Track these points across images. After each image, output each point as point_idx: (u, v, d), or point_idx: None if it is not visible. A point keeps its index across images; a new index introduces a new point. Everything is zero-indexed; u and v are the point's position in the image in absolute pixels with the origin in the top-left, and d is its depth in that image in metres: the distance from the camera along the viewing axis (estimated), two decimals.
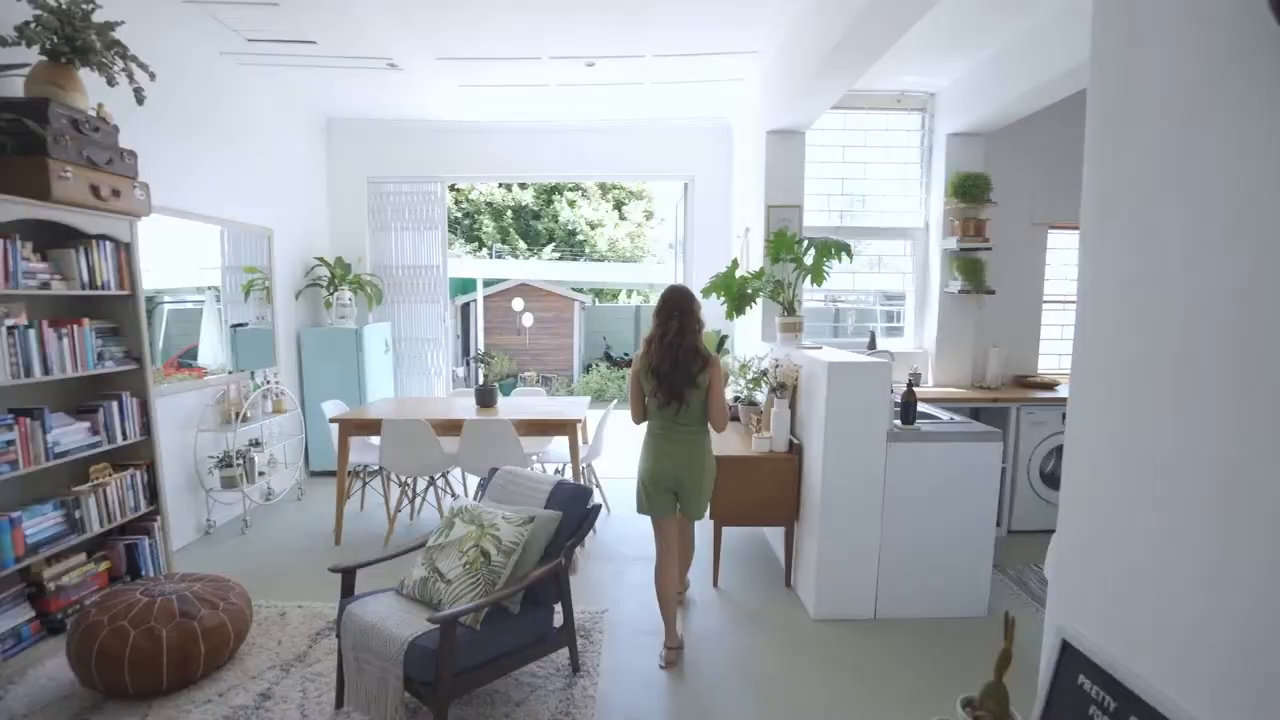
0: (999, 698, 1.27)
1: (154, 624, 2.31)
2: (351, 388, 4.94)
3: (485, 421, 3.61)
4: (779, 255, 4.03)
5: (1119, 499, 1.19)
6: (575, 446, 3.81)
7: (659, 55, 4.03)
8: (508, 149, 5.47)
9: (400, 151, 5.42)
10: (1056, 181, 4.40)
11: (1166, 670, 1.07)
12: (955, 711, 1.31)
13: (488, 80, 4.42)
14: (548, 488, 2.54)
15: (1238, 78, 0.95)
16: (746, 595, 3.23)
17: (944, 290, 4.37)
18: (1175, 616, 1.07)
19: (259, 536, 3.94)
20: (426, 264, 5.60)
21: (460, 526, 2.32)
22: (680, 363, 2.46)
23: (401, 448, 3.64)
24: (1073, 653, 1.27)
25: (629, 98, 4.86)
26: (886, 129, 4.55)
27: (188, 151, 3.76)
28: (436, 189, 5.53)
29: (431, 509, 4.28)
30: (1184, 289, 1.04)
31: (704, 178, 5.55)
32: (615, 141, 5.48)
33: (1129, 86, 1.16)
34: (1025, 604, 3.16)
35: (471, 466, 3.73)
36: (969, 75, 4.02)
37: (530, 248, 14.90)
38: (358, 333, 4.97)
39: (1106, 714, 1.16)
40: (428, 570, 2.24)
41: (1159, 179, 1.09)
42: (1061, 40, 3.19)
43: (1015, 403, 3.97)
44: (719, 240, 5.57)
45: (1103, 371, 1.23)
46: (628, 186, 16.62)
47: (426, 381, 5.71)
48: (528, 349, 10.93)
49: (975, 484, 2.95)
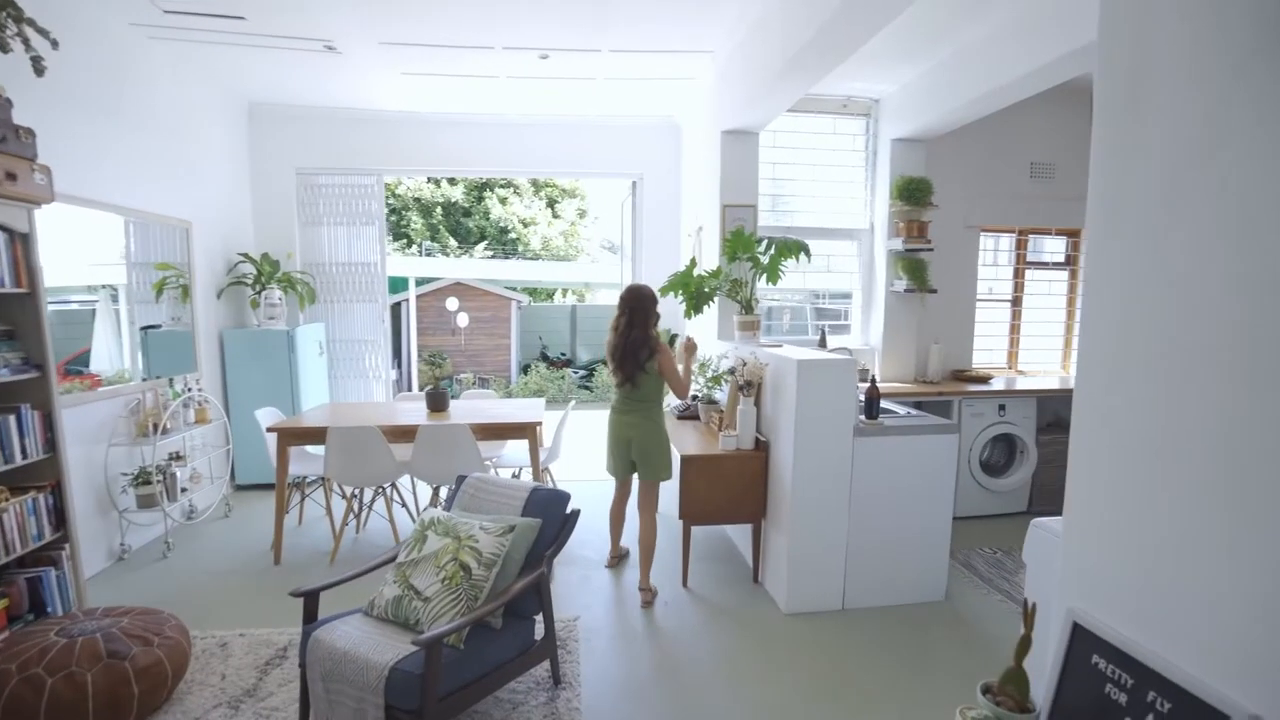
0: (1019, 683, 1.30)
1: (75, 668, 2.03)
2: (283, 393, 4.58)
3: (441, 427, 3.44)
4: (736, 254, 4.07)
5: (1128, 482, 1.24)
6: (536, 450, 3.69)
7: (615, 50, 3.97)
8: (451, 142, 5.24)
9: (333, 141, 5.09)
10: (988, 187, 4.68)
11: (1186, 648, 1.12)
12: (976, 698, 1.34)
13: (434, 69, 4.21)
14: (523, 494, 2.43)
15: (1260, 75, 0.99)
16: (717, 593, 3.23)
17: (889, 289, 4.55)
18: (1194, 593, 1.12)
19: (184, 559, 3.58)
20: (363, 261, 5.28)
21: (434, 539, 2.18)
22: (629, 351, 2.99)
23: (349, 457, 3.40)
24: (1084, 634, 1.32)
25: (580, 93, 4.77)
26: (835, 132, 4.69)
27: (92, 133, 3.36)
28: (373, 182, 5.23)
29: (381, 519, 4.03)
30: (1197, 288, 1.09)
31: (652, 176, 5.54)
32: (564, 137, 5.37)
33: (1138, 86, 1.20)
34: (976, 586, 3.33)
35: (426, 474, 3.54)
36: (913, 83, 4.20)
37: (461, 246, 14.42)
38: (289, 334, 4.62)
39: (1124, 690, 1.21)
40: (401, 588, 2.08)
41: (1171, 184, 1.14)
42: (1001, 55, 3.38)
43: (956, 396, 4.19)
44: (668, 239, 5.58)
45: (1110, 362, 1.28)
46: (560, 184, 16.42)
47: (364, 385, 5.39)
48: (463, 350, 10.56)
49: (933, 475, 3.08)
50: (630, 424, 3.10)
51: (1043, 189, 4.75)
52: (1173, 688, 1.13)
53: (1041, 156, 4.72)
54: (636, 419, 3.09)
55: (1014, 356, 5.04)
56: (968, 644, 2.77)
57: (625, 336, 3.02)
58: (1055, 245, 5.02)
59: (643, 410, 3.10)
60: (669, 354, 3.08)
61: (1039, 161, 4.73)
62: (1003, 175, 4.70)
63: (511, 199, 15.01)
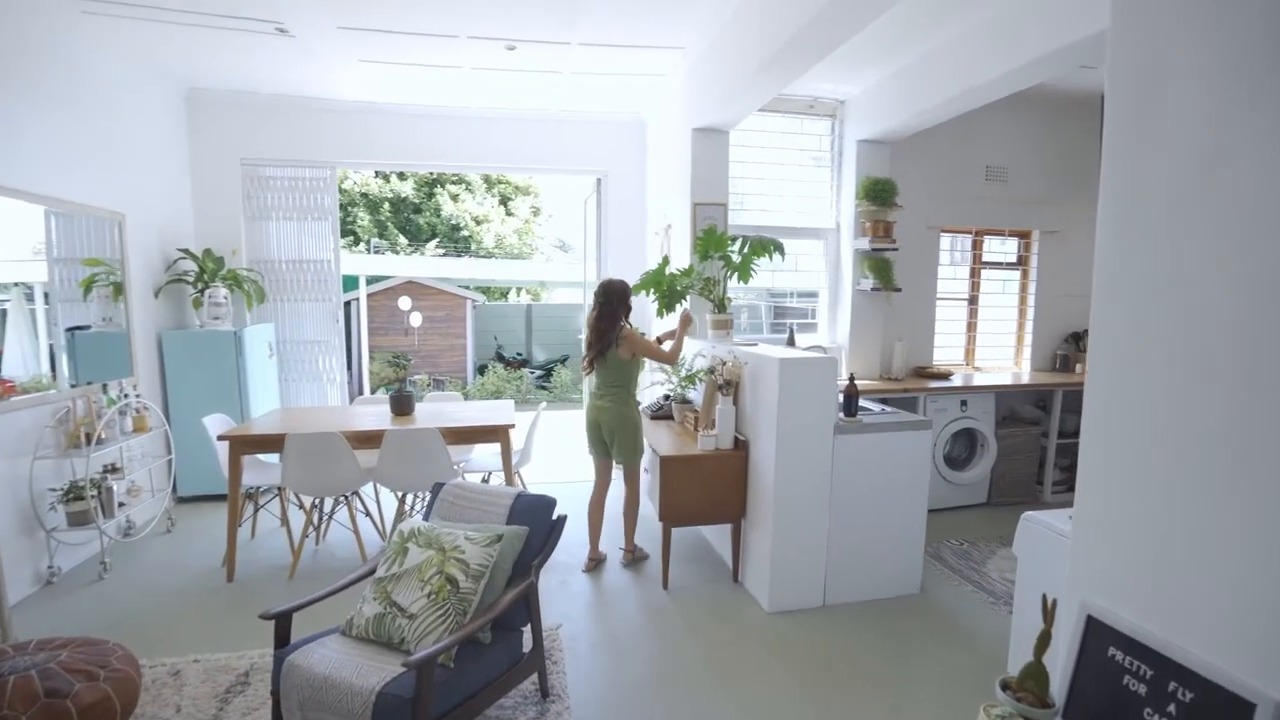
0: (1039, 678, 1.30)
1: (8, 712, 1.82)
2: (230, 398, 4.29)
3: (409, 432, 3.28)
4: (708, 253, 4.05)
5: (1139, 477, 1.26)
6: (508, 454, 3.58)
7: (585, 44, 3.88)
8: (409, 134, 5.03)
9: (282, 131, 4.80)
10: (948, 189, 4.83)
11: (1202, 638, 1.14)
12: (996, 694, 1.33)
13: (395, 57, 4.02)
14: (507, 501, 2.33)
15: (1273, 89, 1.02)
16: (698, 595, 3.20)
17: (856, 288, 4.63)
18: (1207, 585, 1.14)
19: (124, 581, 3.29)
20: (315, 258, 5.01)
21: (416, 552, 2.06)
22: (599, 339, 3.27)
23: (310, 465, 3.20)
24: (1099, 626, 1.34)
25: (546, 88, 4.65)
26: (802, 132, 4.73)
27: (9, 114, 3.05)
28: (326, 174, 4.97)
29: (344, 530, 3.82)
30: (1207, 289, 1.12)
31: (617, 173, 5.47)
32: (528, 133, 5.24)
33: (1149, 98, 1.22)
34: (947, 577, 3.41)
35: (393, 482, 3.37)
36: (878, 86, 4.27)
37: (412, 243, 13.97)
38: (237, 335, 4.33)
39: (1143, 681, 1.23)
40: (383, 605, 1.96)
41: (1182, 190, 1.16)
42: (965, 61, 3.47)
43: (921, 393, 4.30)
44: (633, 236, 5.52)
45: (1121, 361, 1.30)
46: (513, 181, 16.14)
47: (317, 389, 5.12)
48: (417, 350, 10.19)
49: (909, 471, 3.13)
50: (600, 408, 3.35)
51: (997, 192, 4.93)
52: (1194, 677, 1.15)
53: (996, 160, 4.90)
54: (606, 403, 3.33)
55: (971, 353, 5.22)
56: (946, 636, 2.83)
57: (594, 328, 3.29)
58: (1008, 246, 5.22)
59: (612, 395, 3.33)
60: (635, 337, 3.32)
61: (994, 165, 4.90)
62: (961, 178, 4.86)
63: (464, 196, 14.65)
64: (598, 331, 3.28)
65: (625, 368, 3.32)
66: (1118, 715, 1.25)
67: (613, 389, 3.33)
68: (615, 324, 3.26)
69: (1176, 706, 1.16)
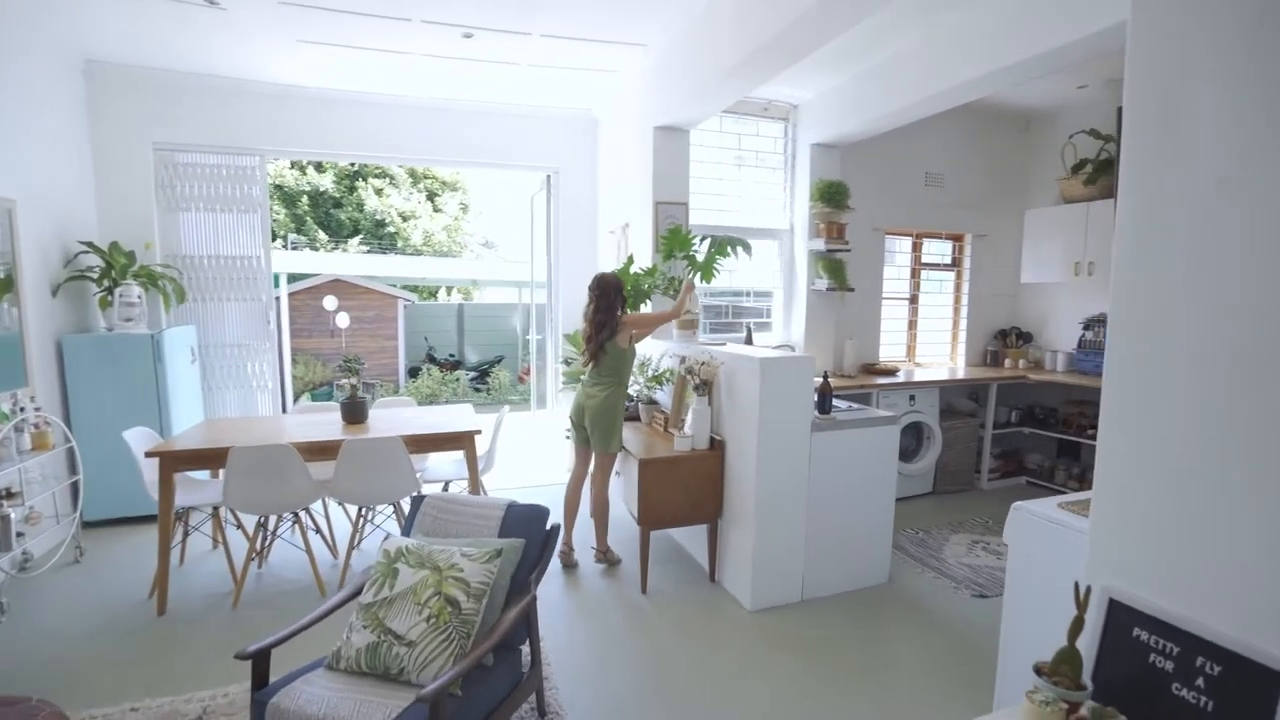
0: (1073, 662, 1.35)
1: None
2: (147, 410, 3.86)
3: (370, 441, 3.05)
4: (672, 252, 4.03)
5: (1158, 466, 1.33)
6: (474, 462, 3.41)
7: (546, 35, 3.76)
8: (348, 123, 4.71)
9: (204, 114, 4.37)
10: (893, 194, 5.04)
11: (1229, 613, 1.22)
12: (1034, 680, 1.37)
13: (339, 38, 3.74)
14: (498, 512, 2.21)
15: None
16: (678, 597, 3.16)
17: (811, 288, 4.75)
18: (1227, 566, 1.21)
19: (29, 622, 2.87)
20: (242, 254, 4.59)
21: (408, 572, 1.90)
22: (598, 332, 3.31)
23: (257, 481, 2.92)
24: (1121, 609, 1.40)
25: (499, 79, 4.48)
26: (758, 134, 4.80)
27: None
28: (254, 163, 4.56)
29: (289, 550, 3.52)
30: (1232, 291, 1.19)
31: (569, 170, 5.36)
32: (476, 126, 5.03)
33: (1171, 114, 1.28)
34: (910, 565, 3.55)
35: (350, 496, 3.13)
36: (833, 92, 4.40)
37: (333, 239, 13.16)
38: (154, 339, 3.89)
39: (1170, 659, 1.29)
40: (376, 633, 1.79)
41: (1204, 203, 1.23)
42: (919, 71, 3.63)
43: (874, 389, 4.46)
44: (584, 235, 5.44)
45: (1139, 359, 1.37)
46: (440, 176, 15.56)
47: (246, 396, 4.70)
48: (344, 353, 9.58)
49: (880, 465, 3.24)
50: (589, 394, 3.38)
51: (935, 196, 5.20)
52: (1221, 651, 1.22)
53: (934, 167, 5.17)
54: (596, 390, 3.35)
55: (912, 350, 5.48)
56: (919, 622, 2.94)
57: (592, 321, 3.33)
58: (944, 248, 5.52)
59: (604, 384, 3.35)
60: (632, 317, 3.41)
61: (932, 171, 5.17)
62: (903, 183, 5.09)
63: (388, 190, 13.96)
64: (596, 324, 3.31)
65: (622, 358, 3.37)
66: (1146, 691, 1.31)
67: (605, 378, 3.36)
68: (613, 315, 3.31)
69: (1205, 680, 1.23)
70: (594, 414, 3.33)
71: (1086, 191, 4.68)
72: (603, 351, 3.33)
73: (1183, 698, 1.26)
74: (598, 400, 3.33)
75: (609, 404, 3.34)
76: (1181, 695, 1.26)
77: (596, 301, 3.33)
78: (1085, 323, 4.98)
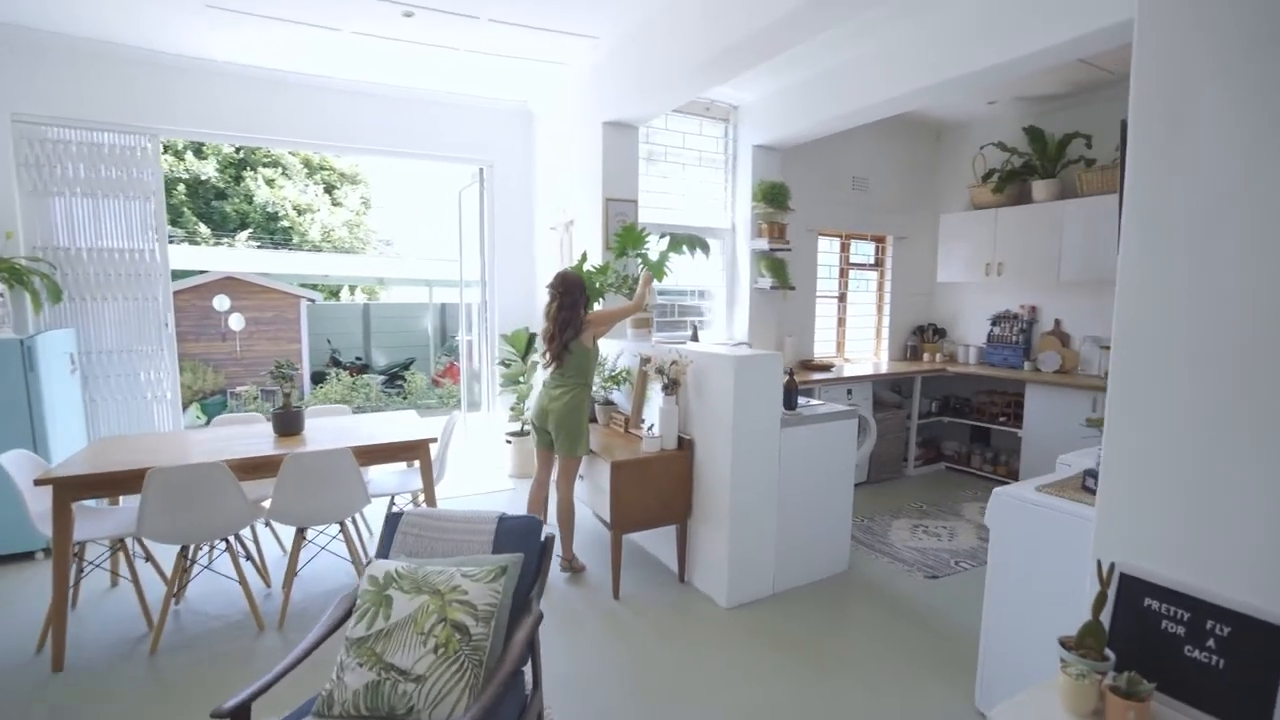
0: (1098, 634, 1.44)
1: None
2: (18, 428, 3.28)
3: (318, 455, 2.76)
4: (625, 250, 3.98)
5: (1162, 451, 1.45)
6: (430, 473, 3.18)
7: (495, 20, 3.57)
8: (260, 103, 4.25)
9: (79, 83, 3.77)
10: (825, 195, 5.25)
11: (1234, 581, 1.34)
12: (1063, 654, 1.44)
13: (257, 7, 3.34)
14: (489, 526, 2.05)
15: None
16: (651, 601, 3.11)
17: (754, 286, 4.85)
18: (1236, 534, 1.34)
19: None
20: (132, 246, 4.02)
21: (403, 599, 1.72)
22: (562, 330, 3.18)
23: (181, 506, 2.54)
24: (1132, 582, 1.51)
25: (435, 65, 4.21)
26: (701, 134, 4.83)
27: None
28: (144, 143, 4.01)
29: (212, 581, 3.11)
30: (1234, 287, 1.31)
31: (504, 164, 5.15)
32: (404, 114, 4.71)
33: (1175, 127, 1.39)
34: (863, 552, 3.70)
35: (293, 516, 2.81)
36: (775, 95, 4.50)
37: (216, 233, 11.89)
38: (24, 345, 3.31)
39: (1181, 624, 1.40)
40: (375, 671, 1.60)
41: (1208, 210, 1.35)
42: (865, 80, 3.80)
43: (815, 384, 4.63)
44: (519, 231, 5.26)
45: (1145, 350, 1.47)
46: (339, 168, 14.53)
47: (140, 410, 4.11)
48: (239, 357, 8.66)
49: (841, 457, 3.35)
50: (552, 396, 3.25)
51: (861, 199, 5.48)
52: (1229, 614, 1.34)
53: (860, 172, 5.44)
54: (560, 393, 3.23)
55: (841, 346, 5.75)
56: (884, 606, 3.07)
57: (555, 320, 3.19)
58: (868, 249, 5.83)
59: (568, 385, 3.23)
60: (596, 314, 3.30)
61: (858, 176, 5.44)
62: (833, 186, 5.32)
63: (281, 181, 12.83)
64: (560, 322, 3.18)
65: (587, 357, 3.25)
66: (1159, 654, 1.42)
67: (570, 379, 3.24)
68: (577, 313, 3.19)
69: (1215, 640, 1.35)
70: (559, 416, 3.20)
71: (995, 199, 5.11)
72: (567, 351, 3.20)
73: (1195, 658, 1.38)
74: (562, 402, 3.20)
75: (574, 405, 3.21)
76: (1194, 656, 1.38)
77: (560, 299, 3.20)
78: (993, 319, 5.44)
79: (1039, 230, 4.79)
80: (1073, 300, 4.93)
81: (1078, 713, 1.38)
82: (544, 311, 3.31)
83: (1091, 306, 4.79)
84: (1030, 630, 2.11)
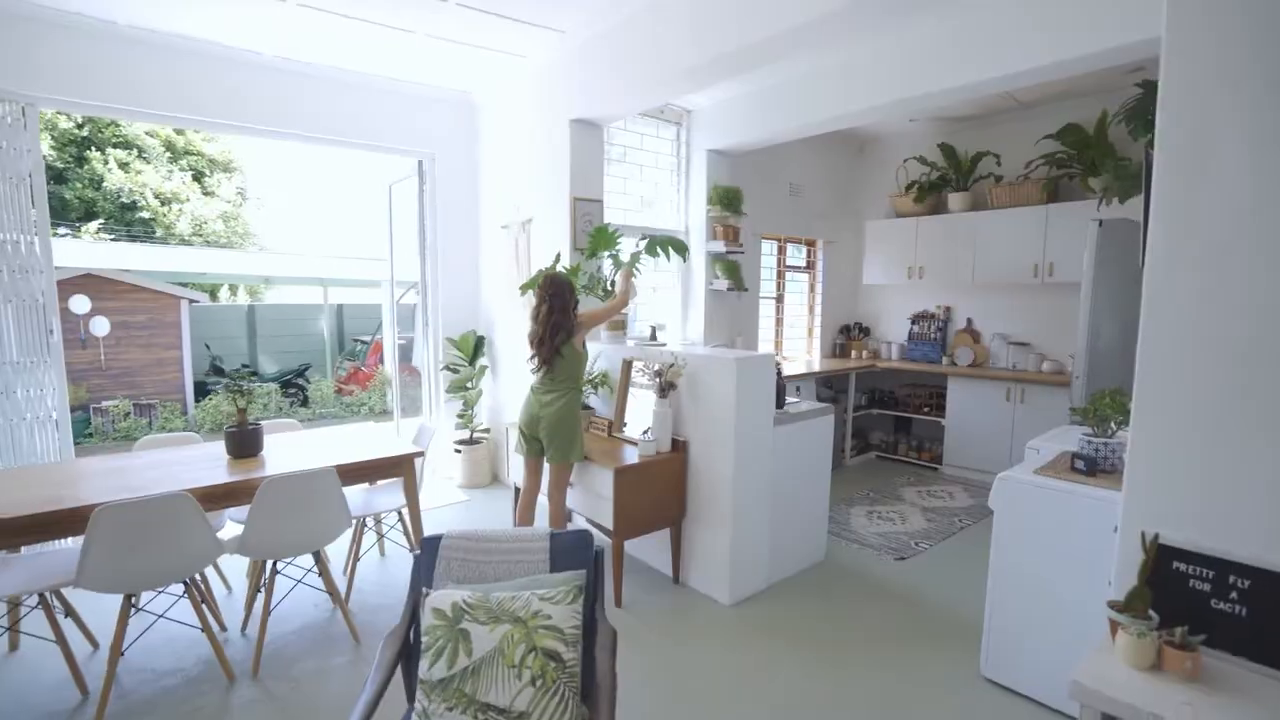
0: (1144, 597, 1.62)
1: None
2: None
3: (297, 477, 2.44)
4: (597, 250, 3.90)
5: (1188, 435, 1.66)
6: (414, 491, 2.93)
7: (463, 5, 3.35)
8: (164, 74, 3.69)
9: None
10: (766, 201, 5.46)
11: (1252, 543, 1.56)
12: (1115, 616, 1.61)
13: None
14: (543, 544, 1.93)
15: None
16: (653, 605, 3.08)
17: (710, 288, 4.94)
18: (1253, 502, 1.57)
19: None
20: (2, 237, 3.34)
21: (482, 631, 1.57)
22: (552, 333, 3.05)
23: (136, 546, 2.15)
24: (1162, 549, 1.72)
25: (383, 48, 3.87)
26: (658, 136, 4.84)
27: None
28: (15, 113, 3.35)
29: (157, 629, 2.66)
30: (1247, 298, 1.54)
31: (446, 158, 4.86)
32: (339, 98, 4.30)
33: (1200, 150, 1.60)
34: (834, 541, 3.88)
35: (264, 549, 2.47)
36: (730, 102, 4.61)
37: (56, 223, 10.15)
38: None
39: (1207, 582, 1.62)
40: (470, 714, 1.45)
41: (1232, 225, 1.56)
42: (816, 94, 4.00)
43: None
44: (463, 230, 5.00)
45: (1171, 347, 1.68)
46: (208, 153, 12.96)
47: (21, 434, 3.42)
48: (103, 367, 7.40)
49: (821, 450, 3.51)
50: (543, 402, 3.11)
51: (796, 205, 5.76)
52: (1249, 569, 1.56)
53: (795, 179, 5.72)
54: (551, 398, 3.10)
55: (780, 345, 6.01)
56: (868, 589, 3.26)
57: (545, 323, 3.07)
58: (801, 251, 6.14)
59: (560, 390, 3.12)
60: (584, 315, 3.17)
61: (794, 183, 5.71)
62: (773, 191, 5.54)
63: (137, 164, 11.22)
64: (550, 327, 3.05)
65: (578, 360, 3.15)
66: (1189, 607, 1.64)
67: (561, 383, 3.11)
68: (568, 316, 3.08)
69: (1238, 593, 1.58)
70: (551, 423, 3.07)
71: (916, 208, 5.58)
72: (558, 355, 3.07)
73: (1220, 609, 1.60)
74: (555, 408, 3.07)
75: (567, 410, 3.10)
76: (1219, 608, 1.60)
77: (550, 302, 3.06)
78: (913, 318, 5.93)
79: (955, 238, 5.29)
80: (983, 301, 5.49)
81: (1139, 666, 1.56)
82: (531, 314, 3.17)
83: (1000, 306, 5.36)
84: (1033, 603, 2.32)
